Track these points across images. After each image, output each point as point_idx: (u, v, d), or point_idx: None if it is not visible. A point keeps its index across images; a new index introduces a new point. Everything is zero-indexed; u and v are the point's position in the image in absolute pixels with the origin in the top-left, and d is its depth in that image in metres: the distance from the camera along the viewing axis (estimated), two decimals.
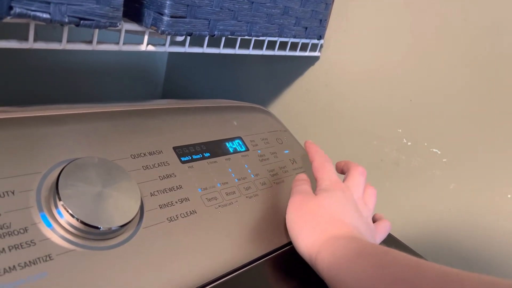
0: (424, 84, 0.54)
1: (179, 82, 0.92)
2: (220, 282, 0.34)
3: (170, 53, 0.93)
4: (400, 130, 0.57)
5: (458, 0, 0.50)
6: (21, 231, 0.28)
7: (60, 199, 0.29)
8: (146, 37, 0.39)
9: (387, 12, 0.56)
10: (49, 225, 0.29)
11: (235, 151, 0.46)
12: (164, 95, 0.95)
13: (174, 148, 0.41)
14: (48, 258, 0.28)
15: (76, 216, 0.29)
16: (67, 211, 0.29)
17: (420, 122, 0.55)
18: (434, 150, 0.54)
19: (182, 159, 0.41)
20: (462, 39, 0.50)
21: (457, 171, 0.53)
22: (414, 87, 0.55)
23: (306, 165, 0.53)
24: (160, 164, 0.38)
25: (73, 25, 0.30)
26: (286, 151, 0.52)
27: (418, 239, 0.57)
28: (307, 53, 0.61)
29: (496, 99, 0.49)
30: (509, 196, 0.49)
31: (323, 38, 0.61)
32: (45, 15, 0.28)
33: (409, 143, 0.57)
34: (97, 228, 0.29)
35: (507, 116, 0.48)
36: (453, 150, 0.53)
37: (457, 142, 0.52)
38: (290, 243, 0.41)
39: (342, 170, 0.47)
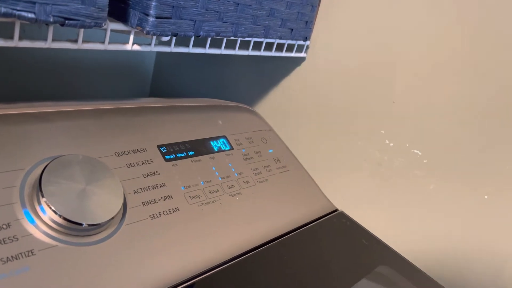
0: (407, 86, 0.55)
1: (167, 80, 0.92)
2: (201, 279, 0.35)
3: (158, 52, 0.93)
4: (383, 131, 0.58)
5: (441, 2, 0.51)
6: (4, 226, 0.28)
7: (43, 196, 0.29)
8: (131, 37, 0.39)
9: (372, 14, 0.57)
10: (32, 221, 0.29)
11: (220, 150, 0.47)
12: (152, 93, 0.96)
13: (159, 146, 0.41)
14: (30, 254, 0.28)
15: (58, 213, 0.29)
16: (50, 208, 0.29)
17: (402, 124, 0.56)
18: (415, 151, 0.56)
19: (166, 157, 0.41)
20: (444, 41, 0.52)
21: (437, 172, 0.54)
22: (397, 89, 0.57)
23: (289, 164, 0.54)
24: (144, 162, 0.39)
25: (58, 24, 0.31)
26: (270, 150, 0.53)
27: (398, 238, 0.58)
28: (293, 54, 0.62)
29: (477, 101, 0.50)
30: (486, 197, 0.50)
31: (309, 39, 0.62)
32: (30, 15, 0.28)
33: (391, 144, 0.58)
34: (80, 224, 0.30)
35: (487, 119, 0.50)
36: (433, 151, 0.54)
37: (438, 143, 0.54)
38: (270, 241, 0.42)
39: None
